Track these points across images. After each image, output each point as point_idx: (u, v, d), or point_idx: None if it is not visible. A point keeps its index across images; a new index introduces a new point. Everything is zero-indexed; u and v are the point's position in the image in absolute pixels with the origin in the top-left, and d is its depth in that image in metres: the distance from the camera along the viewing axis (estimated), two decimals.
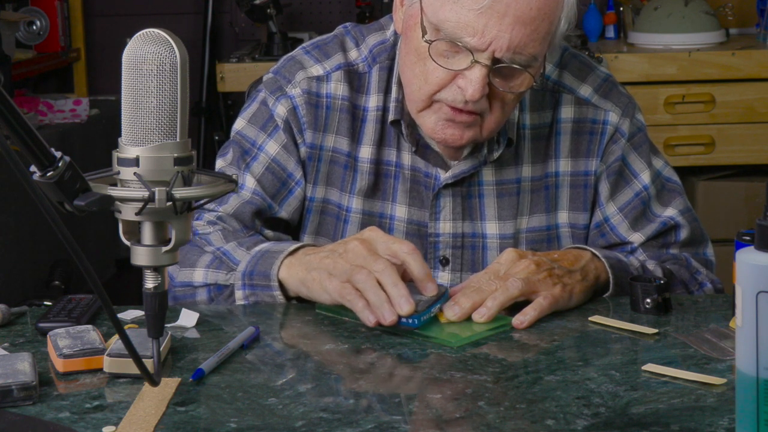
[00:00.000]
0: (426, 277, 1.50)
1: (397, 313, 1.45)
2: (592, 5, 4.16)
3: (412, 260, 1.50)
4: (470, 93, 1.58)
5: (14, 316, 1.55)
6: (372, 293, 1.46)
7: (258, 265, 1.61)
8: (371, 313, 1.46)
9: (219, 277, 1.66)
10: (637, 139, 1.80)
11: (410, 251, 1.50)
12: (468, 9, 1.56)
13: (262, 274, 1.60)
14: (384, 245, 1.52)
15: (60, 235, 0.98)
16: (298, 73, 1.77)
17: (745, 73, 3.73)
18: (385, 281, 1.47)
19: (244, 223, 1.73)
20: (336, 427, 1.19)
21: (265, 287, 1.60)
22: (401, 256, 1.50)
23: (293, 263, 1.59)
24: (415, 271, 1.50)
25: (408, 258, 1.50)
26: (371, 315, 1.46)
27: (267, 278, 1.60)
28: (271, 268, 1.59)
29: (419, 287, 1.50)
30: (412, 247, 1.51)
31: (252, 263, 1.62)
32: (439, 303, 1.50)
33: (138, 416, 1.21)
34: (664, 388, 1.28)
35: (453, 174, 1.74)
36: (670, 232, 1.79)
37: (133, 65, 1.05)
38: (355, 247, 1.52)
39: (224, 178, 1.11)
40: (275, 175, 1.76)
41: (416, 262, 1.50)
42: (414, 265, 1.50)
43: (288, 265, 1.59)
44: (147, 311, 1.11)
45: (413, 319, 1.45)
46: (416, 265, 1.50)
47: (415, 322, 1.45)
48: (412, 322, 1.45)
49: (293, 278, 1.58)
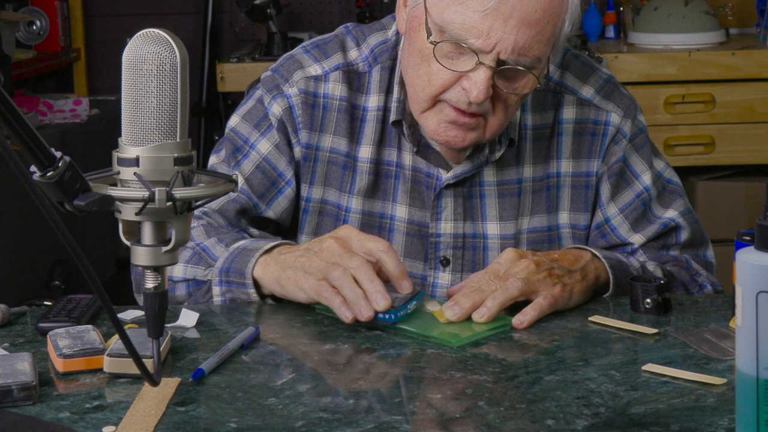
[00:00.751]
0: (401, 275, 1.51)
1: (374, 309, 1.46)
2: (592, 5, 4.16)
3: (387, 258, 1.51)
4: (475, 95, 1.57)
5: (14, 316, 1.55)
6: (348, 290, 1.47)
7: (234, 262, 1.61)
8: (348, 309, 1.47)
9: (197, 272, 1.66)
10: (639, 140, 1.80)
11: (385, 249, 1.51)
12: (473, 11, 1.55)
13: (238, 272, 1.61)
14: (359, 243, 1.53)
15: (60, 235, 0.98)
16: (296, 72, 1.77)
17: (745, 73, 3.73)
18: (361, 277, 1.47)
19: (229, 220, 1.74)
20: (336, 427, 1.19)
21: (240, 284, 1.60)
22: (376, 254, 1.51)
23: (268, 262, 1.59)
24: (390, 269, 1.51)
25: (383, 256, 1.51)
26: (348, 311, 1.47)
27: (242, 276, 1.60)
28: (246, 266, 1.60)
29: (395, 285, 1.51)
30: (387, 245, 1.52)
31: (229, 260, 1.62)
32: (415, 300, 1.51)
33: (138, 416, 1.21)
34: (664, 388, 1.28)
35: (454, 174, 1.74)
36: (671, 234, 1.79)
37: (133, 65, 1.05)
38: (330, 245, 1.52)
39: (224, 177, 1.11)
40: (265, 174, 1.76)
41: (391, 260, 1.51)
42: (389, 263, 1.51)
43: (263, 264, 1.59)
44: (147, 311, 1.11)
45: (390, 315, 1.47)
46: (392, 263, 1.51)
47: (391, 317, 1.47)
48: (389, 317, 1.47)
49: (268, 277, 1.58)
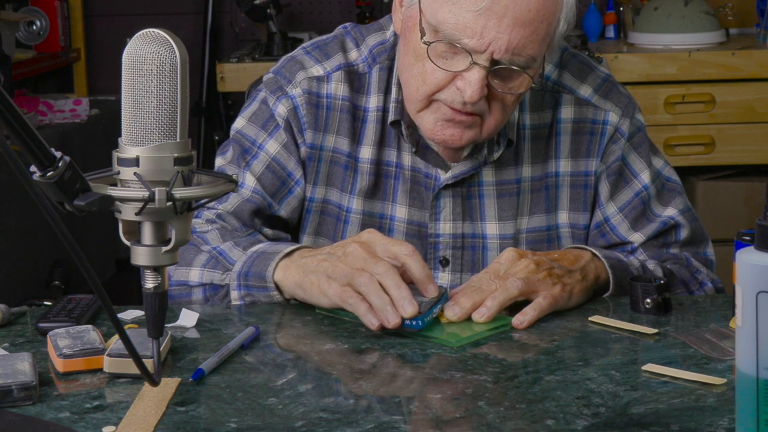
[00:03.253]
0: (427, 279, 1.49)
1: (401, 316, 1.45)
2: (592, 5, 4.16)
3: (412, 262, 1.50)
4: (469, 95, 1.57)
5: (14, 316, 1.55)
6: (375, 296, 1.46)
7: (254, 266, 1.61)
8: (374, 316, 1.46)
9: (215, 276, 1.65)
10: (637, 138, 1.80)
11: (410, 253, 1.50)
12: (467, 10, 1.55)
13: (258, 276, 1.60)
14: (383, 247, 1.52)
15: (60, 235, 0.98)
16: (298, 73, 1.77)
17: (745, 73, 3.73)
18: (388, 284, 1.46)
19: (243, 221, 1.73)
20: (336, 427, 1.19)
21: (261, 288, 1.60)
22: (401, 258, 1.50)
23: (289, 265, 1.58)
24: (415, 272, 1.49)
25: (408, 260, 1.50)
26: (374, 319, 1.45)
27: (263, 279, 1.59)
28: (267, 269, 1.59)
29: (420, 289, 1.49)
30: (411, 248, 1.51)
31: (248, 264, 1.61)
32: (439, 304, 1.50)
33: (138, 416, 1.21)
34: (664, 388, 1.28)
35: (453, 174, 1.74)
36: (671, 232, 1.79)
37: (133, 65, 1.05)
38: (354, 249, 1.51)
39: (224, 177, 1.11)
40: (275, 174, 1.76)
41: (417, 263, 1.49)
42: (414, 266, 1.49)
43: (284, 267, 1.58)
44: (147, 311, 1.11)
45: (417, 321, 1.45)
46: (417, 267, 1.49)
47: (418, 323, 1.45)
48: (416, 323, 1.45)
49: (289, 281, 1.57)
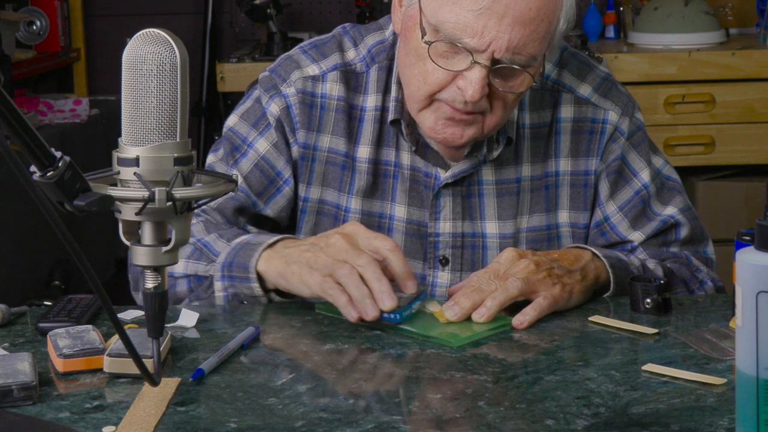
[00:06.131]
0: (407, 275, 1.51)
1: (380, 309, 1.46)
2: (592, 5, 4.16)
3: (393, 257, 1.51)
4: (470, 94, 1.58)
5: (14, 316, 1.55)
6: (355, 288, 1.47)
7: (237, 256, 1.61)
8: (353, 308, 1.47)
9: (199, 268, 1.66)
10: (637, 137, 1.80)
11: (392, 248, 1.51)
12: (467, 10, 1.55)
13: (241, 266, 1.60)
14: (366, 240, 1.52)
15: (60, 235, 0.98)
16: (293, 72, 1.77)
17: (745, 73, 3.73)
18: (368, 276, 1.47)
19: (226, 217, 1.74)
20: (336, 427, 1.19)
21: (243, 279, 1.60)
22: (383, 252, 1.51)
23: (272, 255, 1.59)
24: (396, 268, 1.51)
25: (390, 255, 1.51)
26: (353, 311, 1.47)
27: (245, 270, 1.60)
28: (250, 260, 1.59)
29: (400, 284, 1.51)
30: (393, 244, 1.52)
31: (231, 255, 1.62)
32: (419, 299, 1.51)
33: (138, 416, 1.21)
34: (664, 388, 1.28)
35: (453, 173, 1.74)
36: (671, 231, 1.79)
37: (133, 65, 1.05)
38: (336, 241, 1.52)
39: (224, 177, 1.11)
40: (263, 173, 1.76)
41: (398, 259, 1.51)
42: (395, 262, 1.51)
43: (267, 258, 1.59)
44: (147, 311, 1.11)
45: (395, 314, 1.47)
46: (398, 263, 1.51)
47: (397, 317, 1.47)
48: (395, 317, 1.47)
49: (272, 270, 1.58)
